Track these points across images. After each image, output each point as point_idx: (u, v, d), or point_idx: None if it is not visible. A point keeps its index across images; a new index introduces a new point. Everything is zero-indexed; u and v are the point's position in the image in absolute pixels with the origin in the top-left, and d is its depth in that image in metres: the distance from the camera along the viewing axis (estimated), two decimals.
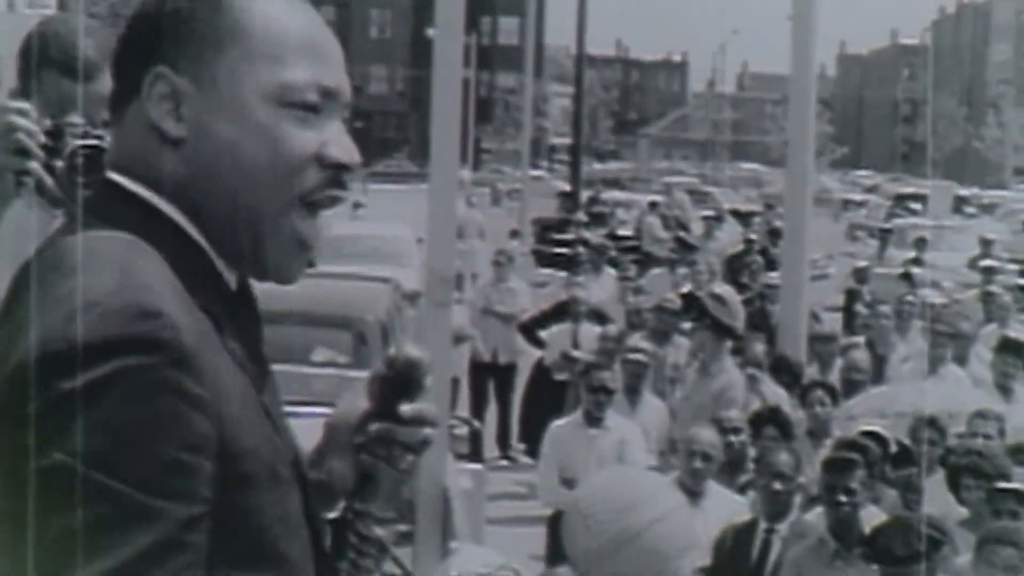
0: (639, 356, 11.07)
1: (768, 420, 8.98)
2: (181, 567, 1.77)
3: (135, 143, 1.97)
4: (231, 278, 2.01)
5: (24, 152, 3.06)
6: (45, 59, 3.40)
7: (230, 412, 1.86)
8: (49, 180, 3.06)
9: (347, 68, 2.05)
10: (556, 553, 9.29)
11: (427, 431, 2.15)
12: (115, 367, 1.76)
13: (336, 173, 2.00)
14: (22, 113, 3.08)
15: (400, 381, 2.11)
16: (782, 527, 7.52)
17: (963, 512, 7.92)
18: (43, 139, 3.07)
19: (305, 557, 1.99)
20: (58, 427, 1.74)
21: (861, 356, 11.26)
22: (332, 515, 2.15)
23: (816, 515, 7.78)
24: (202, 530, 1.80)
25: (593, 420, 9.96)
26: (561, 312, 14.27)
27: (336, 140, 2.00)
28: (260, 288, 2.11)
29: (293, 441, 2.06)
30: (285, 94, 1.96)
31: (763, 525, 7.56)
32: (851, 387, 10.53)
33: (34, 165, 3.06)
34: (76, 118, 3.11)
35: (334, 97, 2.01)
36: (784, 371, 11.04)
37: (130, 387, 1.76)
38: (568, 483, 9.74)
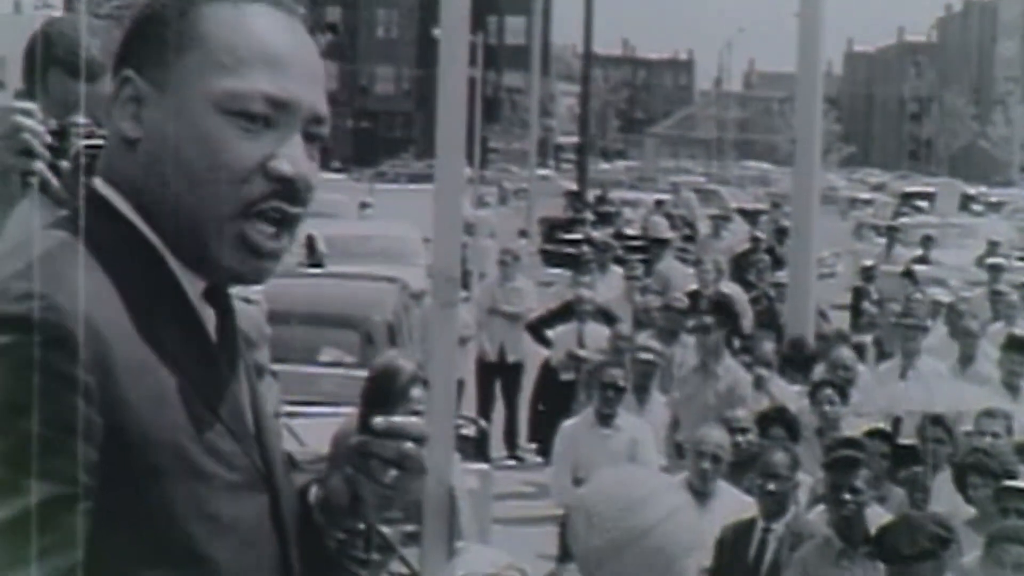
0: (649, 355, 11.05)
1: (775, 420, 8.98)
2: (46, 546, 1.76)
3: (108, 145, 2.02)
4: (193, 279, 1.99)
5: (29, 152, 3.06)
6: (50, 59, 3.40)
7: (127, 400, 1.84)
8: (54, 180, 3.06)
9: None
10: (567, 552, 9.30)
11: (407, 445, 2.06)
12: None
13: (284, 187, 1.96)
14: (27, 113, 3.08)
15: (377, 392, 2.06)
16: (778, 526, 7.51)
17: (970, 511, 7.91)
18: (48, 139, 3.07)
19: (244, 565, 1.95)
20: None
21: (848, 353, 11.21)
22: (340, 534, 2.10)
23: (817, 514, 7.78)
24: (73, 512, 1.79)
25: (604, 419, 9.95)
26: (568, 312, 14.27)
27: (287, 153, 1.96)
28: (266, 288, 2.11)
29: (270, 450, 2.03)
30: (229, 102, 1.95)
31: (760, 524, 7.56)
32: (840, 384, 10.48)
33: (39, 165, 3.06)
34: (81, 118, 3.10)
35: (288, 109, 1.97)
36: (797, 352, 11.07)
37: (6, 364, 1.78)
38: (580, 483, 9.74)
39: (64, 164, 3.12)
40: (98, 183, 1.99)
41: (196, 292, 2.00)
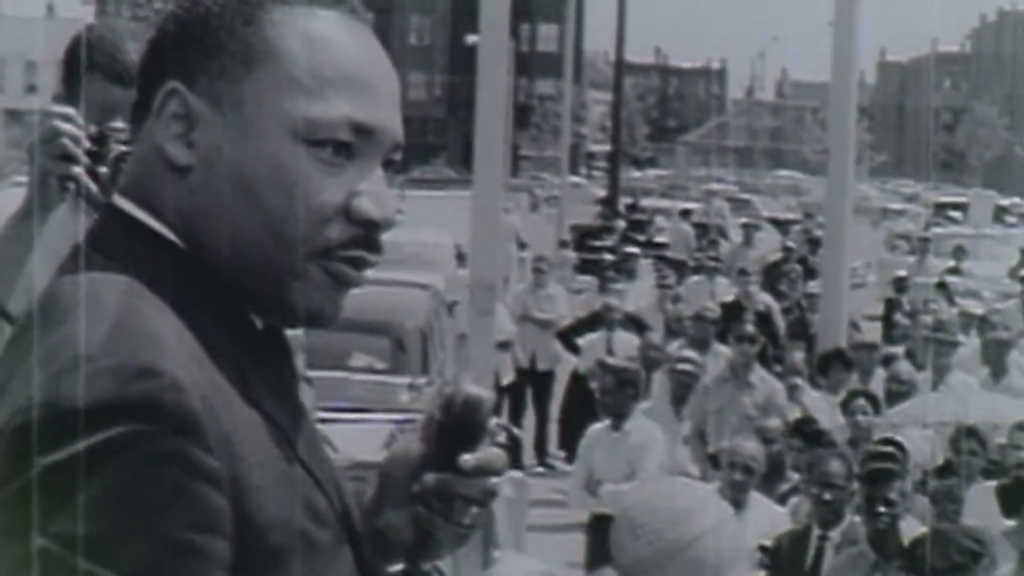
0: (688, 366, 10.95)
1: (797, 431, 8.98)
2: None
3: (143, 166, 1.72)
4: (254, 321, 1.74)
5: (69, 157, 3.05)
6: (90, 64, 3.39)
7: (251, 480, 1.60)
8: (93, 186, 3.05)
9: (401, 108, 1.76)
10: (596, 558, 9.29)
11: (493, 481, 1.82)
12: (109, 436, 1.50)
13: (366, 231, 1.71)
14: (67, 118, 3.07)
15: (459, 427, 1.82)
16: (835, 534, 7.50)
17: (1005, 523, 7.87)
18: (88, 144, 3.06)
19: None
20: (42, 506, 1.49)
21: (904, 368, 11.21)
22: (393, 570, 1.89)
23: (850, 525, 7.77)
24: None
25: (616, 421, 9.88)
26: (598, 320, 14.27)
27: (372, 191, 1.71)
28: None
29: (342, 489, 1.80)
30: (313, 131, 1.67)
31: (816, 532, 7.56)
32: (893, 398, 10.47)
33: (78, 170, 3.05)
34: (121, 123, 3.10)
35: (374, 137, 1.72)
36: (836, 361, 11.07)
37: (127, 459, 1.50)
38: (591, 486, 9.74)
39: (103, 170, 3.11)
40: (133, 209, 1.71)
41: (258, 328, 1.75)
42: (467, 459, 1.80)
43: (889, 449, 8.07)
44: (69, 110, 3.07)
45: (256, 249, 1.67)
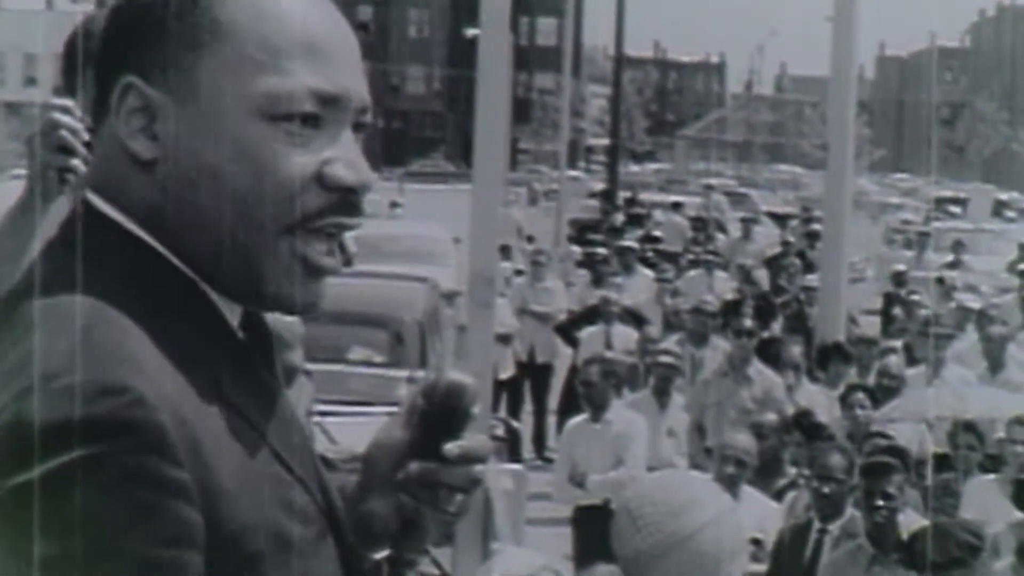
0: (669, 359, 10.99)
1: (796, 425, 8.99)
2: None
3: (108, 162, 1.67)
4: (232, 307, 1.70)
5: (67, 149, 3.06)
6: (90, 55, 3.39)
7: (224, 486, 1.57)
8: None
9: (368, 67, 1.71)
10: (584, 550, 9.30)
11: (477, 468, 1.82)
12: (75, 456, 1.46)
13: (343, 197, 1.67)
14: (66, 111, 3.08)
15: (443, 415, 1.81)
16: (834, 528, 7.52)
17: (1008, 516, 7.88)
18: (86, 137, 3.06)
19: None
20: (10, 528, 1.47)
21: (895, 361, 11.20)
22: (378, 556, 1.88)
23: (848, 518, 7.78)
24: None
25: (595, 413, 9.91)
26: (597, 314, 14.27)
27: (343, 157, 1.67)
28: None
29: (326, 484, 1.78)
30: (275, 105, 1.63)
31: (816, 526, 7.58)
32: (884, 393, 10.47)
33: (76, 163, 3.06)
34: None
35: (340, 104, 1.68)
36: (835, 355, 11.07)
37: (95, 478, 1.47)
38: (576, 479, 9.76)
39: None
40: (104, 207, 1.66)
41: (236, 325, 1.72)
42: (451, 447, 1.79)
43: (886, 443, 8.10)
44: (68, 102, 3.08)
45: (229, 235, 1.63)
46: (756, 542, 7.65)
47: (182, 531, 1.52)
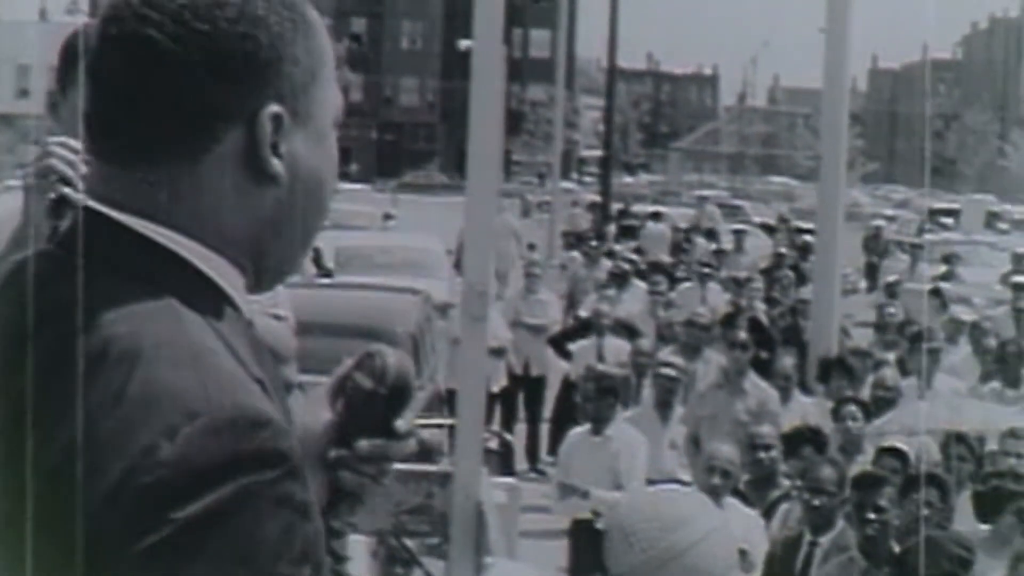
0: (671, 371, 10.94)
1: (808, 440, 8.95)
2: None
3: (216, 193, 1.71)
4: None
5: (54, 172, 2.98)
6: (86, 51, 3.31)
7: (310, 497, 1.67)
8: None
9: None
10: (580, 564, 9.28)
11: (415, 440, 1.98)
12: (238, 487, 1.55)
13: None
14: (66, 149, 3.00)
15: (395, 396, 1.94)
16: (824, 540, 7.51)
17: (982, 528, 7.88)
18: (83, 169, 2.98)
19: None
20: (177, 561, 1.54)
21: (890, 373, 11.20)
22: None
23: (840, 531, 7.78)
24: None
25: (595, 427, 9.87)
26: (590, 327, 14.27)
27: None
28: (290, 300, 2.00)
29: None
30: (339, 115, 1.82)
31: (807, 538, 7.57)
32: (880, 404, 10.47)
33: (66, 206, 2.95)
34: None
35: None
36: (836, 368, 11.05)
37: (251, 509, 1.56)
38: (570, 491, 9.73)
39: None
40: (143, 226, 1.69)
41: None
42: (402, 424, 1.94)
43: (901, 449, 8.07)
44: (70, 141, 3.00)
45: (304, 244, 1.80)
46: (742, 553, 7.65)
47: (313, 552, 1.61)
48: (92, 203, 1.71)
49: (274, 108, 1.70)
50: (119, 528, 1.54)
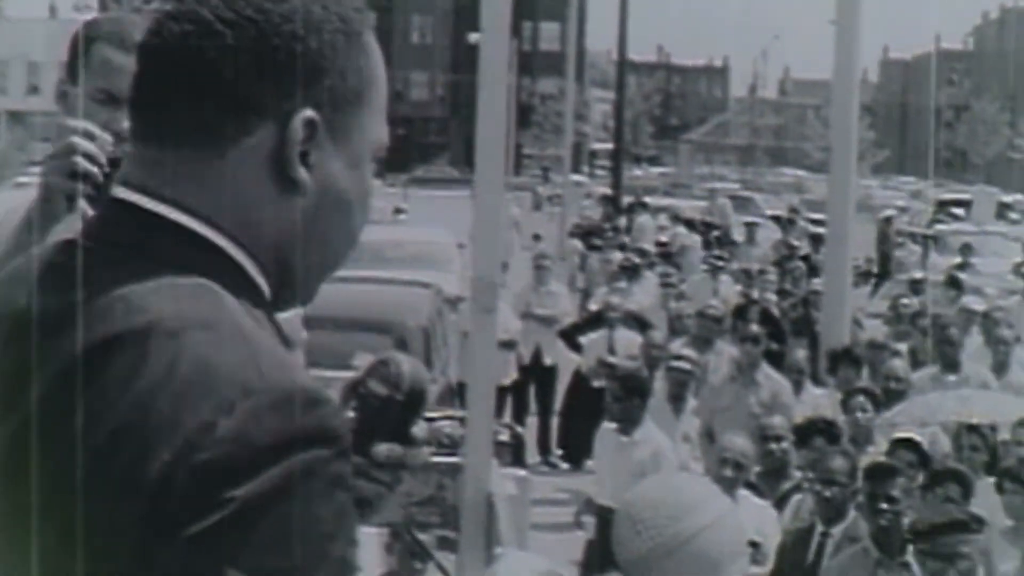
0: (685, 364, 10.87)
1: (820, 431, 8.91)
2: None
3: (238, 187, 1.70)
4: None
5: (79, 176, 2.93)
6: (96, 36, 3.30)
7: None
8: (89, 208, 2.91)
9: (386, 74, 1.82)
10: (601, 558, 9.27)
11: (431, 450, 1.98)
12: (295, 465, 1.53)
13: None
14: (88, 135, 2.92)
15: (411, 403, 1.93)
16: (837, 531, 7.52)
17: (1007, 520, 7.87)
18: (105, 166, 2.93)
19: None
20: (235, 539, 1.52)
21: (900, 364, 11.17)
22: None
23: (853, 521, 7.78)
24: None
25: (623, 427, 9.71)
26: (601, 319, 14.26)
27: None
28: None
29: None
30: (382, 151, 1.80)
31: (819, 529, 7.58)
32: (890, 396, 10.44)
33: (86, 190, 2.92)
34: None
35: None
36: (844, 359, 11.04)
37: (308, 487, 1.54)
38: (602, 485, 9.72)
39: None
40: (187, 219, 1.69)
41: None
42: (419, 431, 1.93)
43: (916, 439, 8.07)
44: (91, 127, 2.96)
45: (331, 265, 1.80)
46: (754, 545, 7.65)
47: (356, 531, 1.61)
48: (122, 192, 1.71)
49: (310, 114, 1.68)
50: (175, 509, 1.51)
